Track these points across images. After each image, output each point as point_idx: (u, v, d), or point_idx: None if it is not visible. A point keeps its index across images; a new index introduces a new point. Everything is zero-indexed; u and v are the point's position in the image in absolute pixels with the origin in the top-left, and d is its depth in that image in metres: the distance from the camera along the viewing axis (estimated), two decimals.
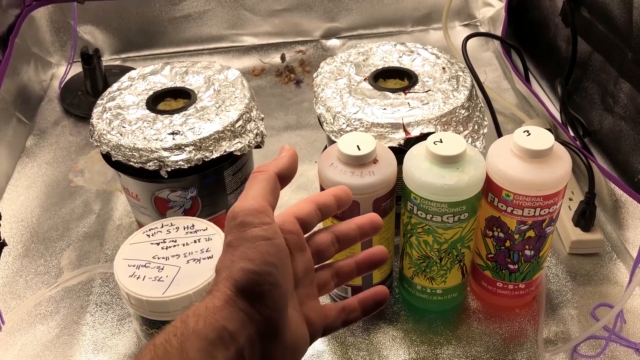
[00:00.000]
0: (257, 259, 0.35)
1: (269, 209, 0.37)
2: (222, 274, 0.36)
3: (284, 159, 0.40)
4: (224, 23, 1.06)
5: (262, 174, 0.39)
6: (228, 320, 0.34)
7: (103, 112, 0.65)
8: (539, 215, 0.55)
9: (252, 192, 0.38)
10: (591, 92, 0.80)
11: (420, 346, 0.61)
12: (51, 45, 1.05)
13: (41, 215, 0.78)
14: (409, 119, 0.61)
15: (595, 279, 0.67)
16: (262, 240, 0.35)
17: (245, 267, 0.35)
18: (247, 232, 0.36)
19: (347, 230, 0.43)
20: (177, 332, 0.34)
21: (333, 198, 0.43)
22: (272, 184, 0.39)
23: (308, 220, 0.41)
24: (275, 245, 0.36)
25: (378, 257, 0.44)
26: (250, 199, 0.37)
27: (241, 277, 0.35)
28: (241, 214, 0.36)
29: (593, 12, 0.77)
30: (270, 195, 0.38)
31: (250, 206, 0.37)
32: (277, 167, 0.39)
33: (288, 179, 0.40)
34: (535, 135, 0.54)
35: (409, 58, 0.71)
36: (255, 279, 0.35)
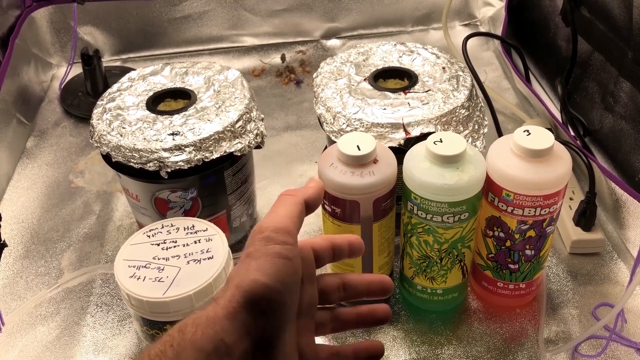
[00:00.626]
0: (273, 274, 0.35)
1: (294, 231, 0.38)
2: (234, 281, 0.36)
3: (312, 189, 0.41)
4: (224, 23, 1.06)
5: (292, 198, 0.40)
6: (227, 333, 0.34)
7: (103, 113, 0.65)
8: (540, 215, 0.55)
9: (281, 212, 0.38)
10: (591, 92, 0.80)
11: (420, 346, 0.61)
12: (51, 46, 1.05)
13: (42, 216, 0.78)
14: (409, 119, 0.61)
15: (596, 278, 0.67)
16: (282, 258, 0.36)
17: (258, 279, 0.35)
18: (269, 246, 0.36)
19: (356, 283, 0.43)
20: (174, 343, 0.34)
21: (347, 245, 0.43)
22: (299, 208, 0.40)
23: (321, 256, 0.42)
24: (292, 266, 0.36)
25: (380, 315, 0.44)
26: (279, 217, 0.38)
27: (252, 288, 0.35)
28: (268, 229, 0.37)
29: (593, 11, 0.77)
30: (297, 219, 0.39)
31: (279, 223, 0.37)
32: (306, 195, 0.41)
33: (312, 208, 0.41)
34: (536, 135, 0.53)
35: (409, 58, 0.71)
36: (266, 293, 0.35)
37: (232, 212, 0.69)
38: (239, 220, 0.71)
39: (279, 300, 0.35)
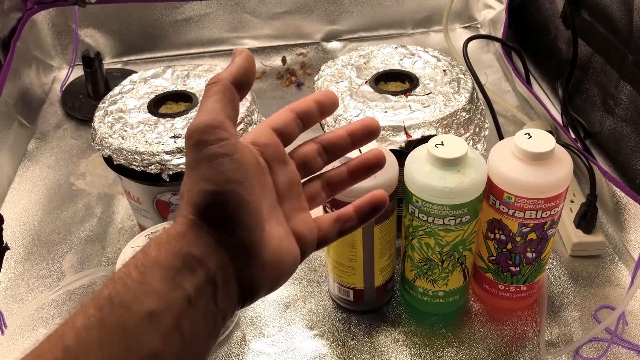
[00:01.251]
0: (217, 179, 0.32)
1: (226, 122, 0.33)
2: (184, 198, 0.33)
3: (237, 62, 0.35)
4: (225, 26, 1.06)
5: (216, 85, 0.34)
6: (193, 245, 0.32)
7: (105, 116, 0.65)
8: (541, 218, 0.55)
9: (207, 107, 0.34)
10: (592, 94, 0.80)
11: (422, 349, 0.61)
12: (52, 48, 1.05)
13: (43, 219, 0.78)
14: (410, 122, 0.62)
15: (597, 281, 0.67)
16: (221, 158, 0.32)
17: (205, 189, 0.32)
18: (203, 150, 0.32)
19: (335, 139, 0.39)
20: (138, 264, 0.31)
21: (314, 103, 0.39)
22: (228, 94, 0.34)
23: (287, 131, 0.38)
24: (236, 160, 0.32)
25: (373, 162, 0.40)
26: (204, 115, 0.33)
27: (202, 200, 0.32)
28: (196, 131, 0.33)
29: (593, 14, 0.77)
30: (227, 107, 0.34)
31: (204, 122, 0.33)
32: (232, 74, 0.35)
33: (247, 86, 0.36)
34: (537, 138, 0.54)
35: (410, 61, 0.71)
36: (218, 199, 0.32)
37: None
38: None
39: (236, 201, 0.32)
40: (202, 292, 0.32)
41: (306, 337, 0.62)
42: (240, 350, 0.62)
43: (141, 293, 0.30)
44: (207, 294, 0.32)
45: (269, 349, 0.62)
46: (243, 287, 0.34)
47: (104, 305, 0.30)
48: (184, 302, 0.31)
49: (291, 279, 0.68)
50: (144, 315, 0.30)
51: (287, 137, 0.38)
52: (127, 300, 0.30)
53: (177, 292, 0.31)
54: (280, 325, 0.64)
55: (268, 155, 0.36)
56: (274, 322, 0.64)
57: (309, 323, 0.64)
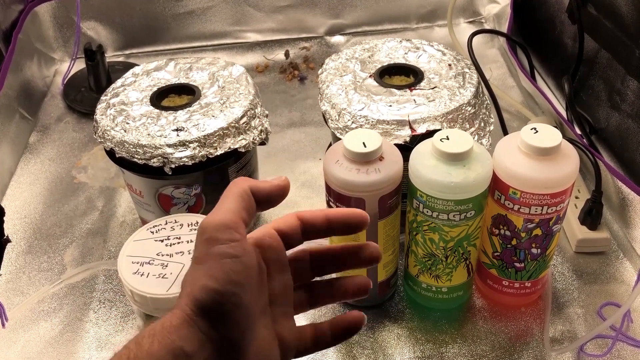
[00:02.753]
0: (221, 278, 0.33)
1: (240, 225, 0.35)
2: (185, 290, 0.34)
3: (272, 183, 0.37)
4: (227, 19, 1.06)
5: (236, 188, 0.36)
6: (185, 340, 0.33)
7: (107, 108, 0.65)
8: (546, 213, 0.54)
9: (225, 206, 0.35)
10: (598, 90, 0.79)
11: (425, 345, 0.60)
12: (54, 41, 1.04)
13: (44, 212, 0.78)
14: (415, 116, 0.61)
15: (602, 277, 0.66)
16: (229, 258, 0.34)
17: (207, 286, 0.33)
18: (213, 248, 0.34)
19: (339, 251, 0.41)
20: (131, 355, 0.32)
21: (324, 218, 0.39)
22: (245, 199, 0.36)
23: (289, 235, 0.39)
24: (242, 263, 0.34)
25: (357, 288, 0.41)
26: (221, 213, 0.35)
27: (203, 296, 0.33)
28: (209, 228, 0.34)
29: (600, 9, 0.77)
30: (243, 211, 0.35)
31: (220, 221, 0.34)
32: (258, 187, 0.37)
33: (269, 203, 0.37)
34: (543, 133, 0.53)
35: (414, 55, 0.70)
36: (218, 298, 0.33)
37: None
38: None
39: (235, 302, 0.34)
40: None
41: None
42: None
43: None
44: None
45: None
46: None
47: None
48: None
49: None
50: None
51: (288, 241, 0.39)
52: None
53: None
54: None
55: (269, 258, 0.37)
56: None
57: (311, 318, 0.63)
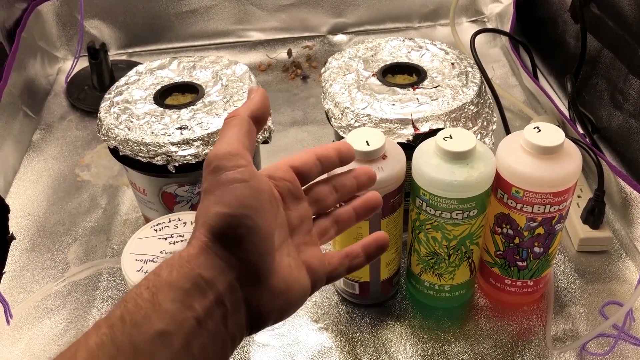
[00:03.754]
0: (232, 202, 0.33)
1: (245, 152, 0.36)
2: (199, 221, 0.34)
3: (254, 99, 0.39)
4: (230, 18, 1.06)
5: (235, 118, 0.37)
6: (203, 267, 0.33)
7: (111, 107, 0.65)
8: (549, 212, 0.55)
9: (226, 137, 0.36)
10: (600, 89, 0.79)
11: (427, 343, 0.61)
12: (58, 39, 1.04)
13: (48, 210, 0.78)
14: (418, 115, 0.61)
15: (604, 276, 0.67)
16: (237, 183, 0.34)
17: (219, 211, 0.33)
18: (221, 176, 0.34)
19: (344, 180, 0.43)
20: (150, 284, 0.32)
21: (334, 151, 0.42)
22: (246, 126, 0.37)
23: (306, 170, 0.40)
24: (251, 187, 0.34)
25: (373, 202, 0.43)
26: (224, 144, 0.36)
27: (216, 222, 0.33)
28: (215, 158, 0.35)
29: (603, 8, 0.77)
30: (245, 138, 0.37)
31: (224, 149, 0.35)
32: (250, 109, 0.38)
33: (262, 121, 0.39)
34: (546, 132, 0.53)
35: (417, 53, 0.70)
36: (231, 222, 0.33)
37: None
38: None
39: (249, 225, 0.34)
40: (212, 314, 0.33)
41: (311, 330, 0.62)
42: (245, 342, 0.62)
43: (152, 313, 0.31)
44: (216, 316, 0.33)
45: (274, 342, 0.61)
46: (251, 313, 0.35)
47: (116, 324, 0.31)
48: (193, 322, 0.32)
49: None
50: (155, 334, 0.31)
51: (306, 176, 0.40)
52: (138, 319, 0.31)
53: (187, 312, 0.32)
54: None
55: (283, 189, 0.38)
56: None
57: (314, 316, 0.64)
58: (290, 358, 0.60)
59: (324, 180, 0.43)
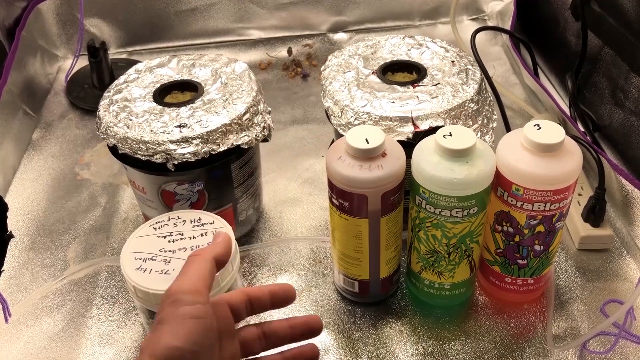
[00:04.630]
0: (185, 337, 0.35)
1: (205, 291, 0.38)
2: (147, 351, 0.36)
3: (219, 244, 0.42)
4: (230, 16, 1.06)
5: (199, 258, 0.40)
6: None
7: (110, 105, 0.65)
8: (549, 210, 0.54)
9: (189, 274, 0.39)
10: (601, 87, 0.79)
11: (427, 341, 0.60)
12: (57, 38, 1.04)
13: (47, 208, 0.78)
14: (418, 113, 0.61)
15: (605, 275, 0.66)
16: (193, 319, 0.36)
17: (170, 344, 0.35)
18: (179, 309, 0.36)
19: (277, 328, 0.45)
20: None
21: (269, 294, 0.44)
22: (209, 266, 0.40)
23: (238, 310, 0.43)
24: (204, 325, 0.37)
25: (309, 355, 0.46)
26: (186, 280, 0.38)
27: (164, 354, 0.35)
28: (176, 292, 0.37)
29: (604, 5, 0.77)
30: (207, 278, 0.39)
31: (187, 285, 0.38)
32: (214, 252, 0.41)
33: (224, 264, 0.42)
34: (546, 129, 0.53)
35: (417, 51, 0.70)
36: (179, 355, 0.35)
37: (238, 205, 0.68)
38: (245, 213, 0.70)
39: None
40: None
41: None
42: None
43: None
44: None
45: None
46: None
47: None
48: None
49: (296, 271, 0.68)
50: None
51: (236, 315, 0.43)
52: None
53: None
54: (284, 317, 0.63)
55: (221, 327, 0.40)
56: (278, 313, 0.64)
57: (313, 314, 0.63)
58: None
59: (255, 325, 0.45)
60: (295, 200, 0.77)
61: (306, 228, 0.73)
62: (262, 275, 0.68)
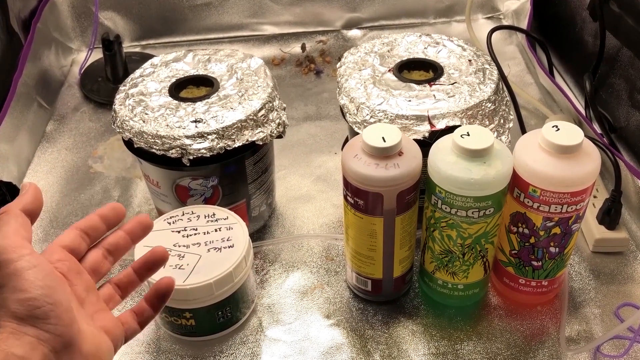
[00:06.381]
0: (29, 287, 0.36)
1: (24, 242, 0.38)
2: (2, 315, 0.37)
3: (27, 194, 0.42)
4: (244, 11, 1.06)
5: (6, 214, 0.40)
6: (15, 346, 0.36)
7: (126, 99, 0.65)
8: (566, 212, 0.54)
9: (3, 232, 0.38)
10: (618, 88, 0.78)
11: (440, 341, 0.60)
12: (72, 30, 1.05)
13: (60, 201, 0.78)
14: (434, 112, 0.61)
15: (619, 278, 0.66)
16: (26, 270, 0.37)
17: (19, 298, 0.36)
18: (10, 268, 0.37)
19: (116, 240, 0.46)
20: None
21: (98, 218, 0.45)
22: (20, 220, 0.40)
23: (75, 246, 0.43)
24: (41, 270, 0.37)
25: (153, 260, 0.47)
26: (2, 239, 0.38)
27: (18, 308, 0.36)
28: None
29: (622, 6, 0.76)
30: (22, 230, 0.39)
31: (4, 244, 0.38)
32: (22, 204, 0.41)
33: (36, 213, 0.42)
34: (565, 131, 0.52)
35: (434, 49, 0.70)
36: (33, 303, 0.36)
37: (251, 201, 0.68)
38: (258, 209, 0.70)
39: (51, 302, 0.37)
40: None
41: (323, 326, 0.62)
42: (257, 337, 0.61)
43: None
44: None
45: (285, 337, 0.61)
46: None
47: None
48: None
49: (308, 268, 0.68)
50: None
51: (77, 252, 0.44)
52: None
53: None
54: (296, 314, 0.63)
55: (62, 269, 0.41)
56: (290, 310, 0.64)
57: (325, 312, 0.63)
58: (302, 354, 0.60)
59: (94, 247, 0.45)
60: (308, 197, 0.77)
61: (319, 225, 0.73)
62: (274, 272, 0.68)
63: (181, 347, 0.61)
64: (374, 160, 0.53)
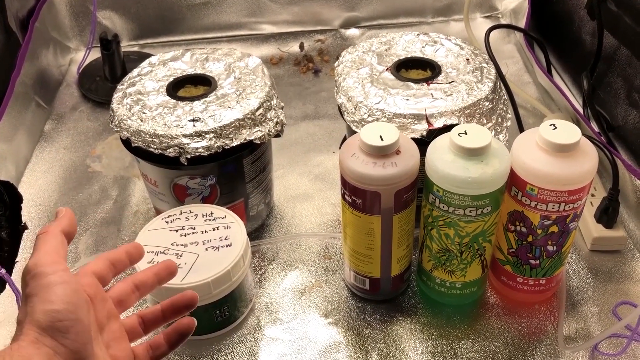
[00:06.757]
0: (56, 300, 0.38)
1: (61, 260, 0.41)
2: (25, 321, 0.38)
3: (63, 219, 0.44)
4: (243, 10, 1.06)
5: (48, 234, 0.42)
6: (35, 355, 0.37)
7: (123, 98, 0.65)
8: (563, 211, 0.54)
9: (42, 249, 0.41)
10: (616, 87, 0.78)
11: (437, 340, 0.60)
12: (70, 29, 1.04)
13: (59, 200, 0.78)
14: (432, 110, 0.61)
15: (617, 276, 0.66)
16: (58, 284, 0.39)
17: (45, 308, 0.38)
18: (43, 280, 0.39)
19: (145, 278, 0.48)
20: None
21: (124, 253, 0.47)
22: (59, 239, 0.42)
23: (103, 275, 0.46)
24: (71, 287, 0.39)
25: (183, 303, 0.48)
26: (41, 254, 0.41)
27: (42, 318, 0.38)
28: (35, 266, 0.40)
29: (620, 4, 0.76)
30: (60, 249, 0.42)
31: (43, 259, 0.40)
32: (60, 226, 0.43)
33: (72, 235, 0.44)
34: (562, 129, 0.53)
35: (432, 48, 0.70)
36: (56, 316, 0.38)
37: (249, 200, 0.68)
38: (256, 208, 0.70)
39: (72, 318, 0.39)
40: None
41: (321, 325, 0.62)
42: (255, 335, 0.61)
43: None
44: None
45: (284, 336, 0.61)
46: None
47: None
48: None
49: (306, 266, 0.68)
50: None
51: (103, 280, 0.46)
52: None
53: None
54: (295, 312, 0.63)
55: (89, 292, 0.43)
56: (288, 308, 0.64)
57: (323, 311, 0.64)
58: (300, 352, 0.60)
59: (125, 280, 0.48)
60: (306, 196, 0.77)
61: (317, 224, 0.73)
62: (272, 271, 0.68)
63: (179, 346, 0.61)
64: (372, 159, 0.53)
